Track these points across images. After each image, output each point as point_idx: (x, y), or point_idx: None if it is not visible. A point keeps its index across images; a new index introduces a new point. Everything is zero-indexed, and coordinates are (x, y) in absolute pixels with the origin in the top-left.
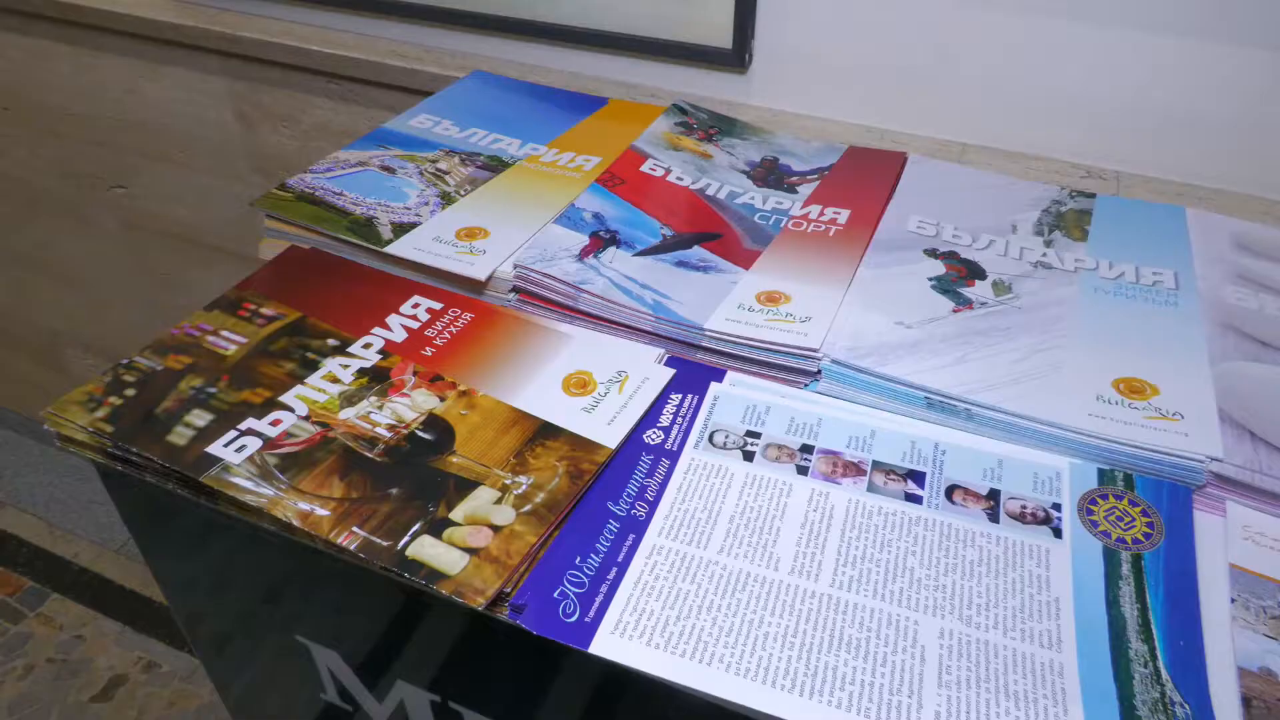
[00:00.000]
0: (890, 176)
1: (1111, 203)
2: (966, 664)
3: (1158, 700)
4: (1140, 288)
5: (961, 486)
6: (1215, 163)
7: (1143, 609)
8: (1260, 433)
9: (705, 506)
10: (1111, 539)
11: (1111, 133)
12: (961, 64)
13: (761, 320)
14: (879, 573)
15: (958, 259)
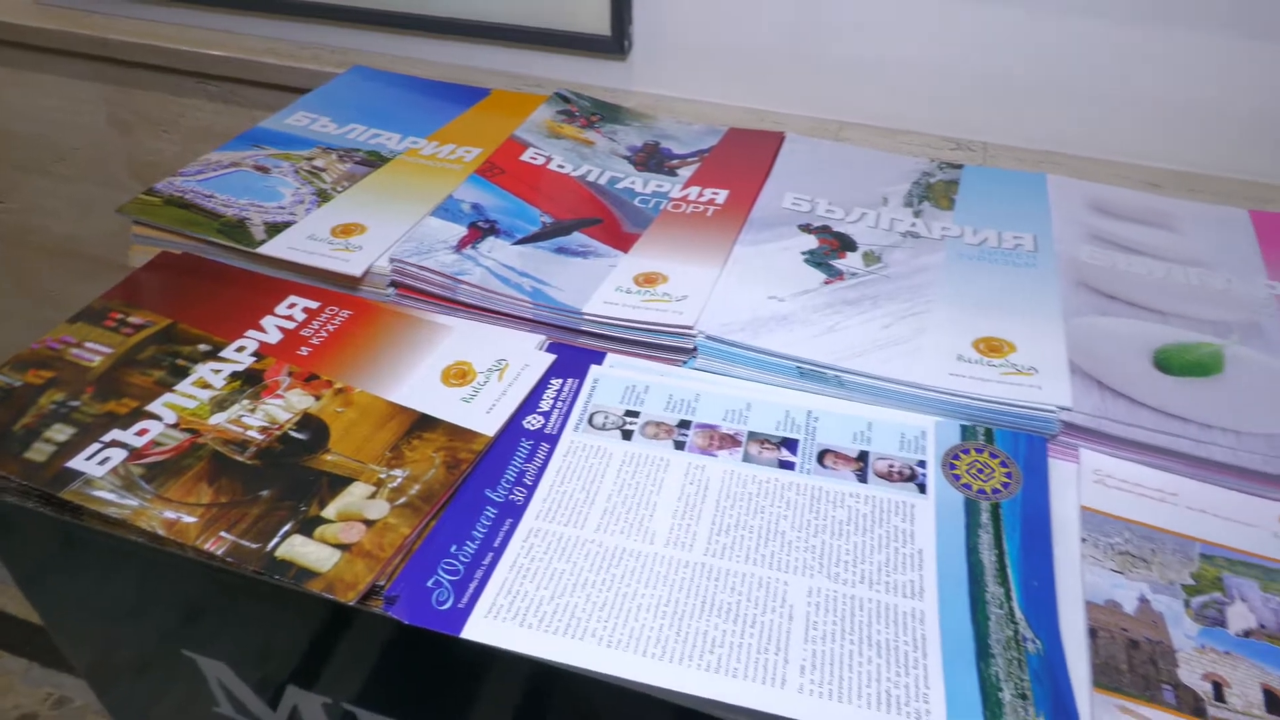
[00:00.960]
0: (768, 156)
1: (977, 172)
2: (832, 619)
3: (1011, 638)
4: (1002, 252)
5: (833, 450)
6: (1075, 130)
7: (1000, 554)
8: (1108, 381)
9: (584, 487)
10: (972, 491)
11: (979, 105)
12: (838, 43)
13: (639, 301)
14: (752, 539)
15: (830, 233)
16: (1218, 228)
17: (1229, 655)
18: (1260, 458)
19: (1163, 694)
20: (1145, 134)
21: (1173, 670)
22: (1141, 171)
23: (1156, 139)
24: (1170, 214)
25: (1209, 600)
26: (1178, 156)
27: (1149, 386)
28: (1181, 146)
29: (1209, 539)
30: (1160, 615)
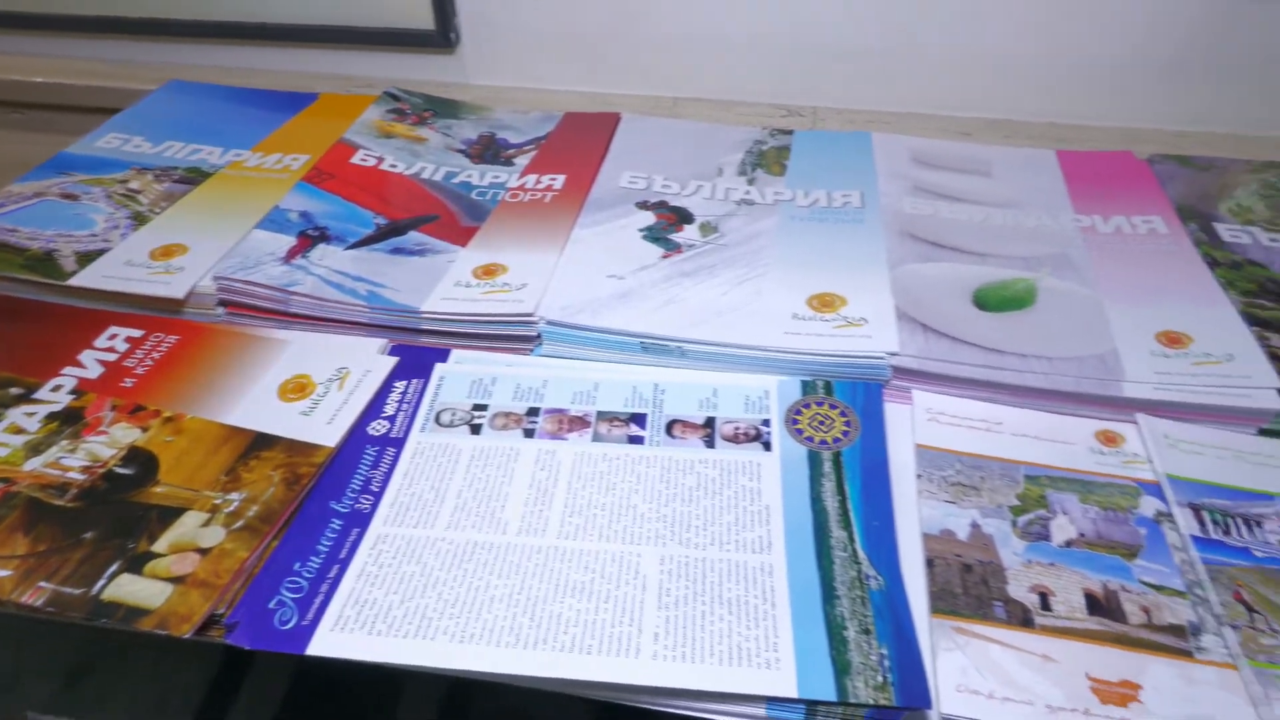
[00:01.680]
0: (604, 137)
1: (808, 136)
2: (685, 583)
3: (855, 578)
4: (832, 210)
5: (680, 420)
6: (897, 89)
7: (842, 500)
8: (932, 324)
9: (433, 487)
10: (815, 443)
11: (807, 72)
12: (667, 20)
13: (479, 294)
14: (604, 516)
15: (667, 207)
16: (1028, 170)
17: (1053, 566)
18: (1071, 379)
19: (994, 610)
20: (959, 87)
21: (1003, 587)
22: (958, 123)
23: (969, 91)
24: (985, 160)
25: (1034, 518)
26: (990, 105)
27: (970, 324)
28: (992, 96)
29: (1032, 461)
30: (990, 537)
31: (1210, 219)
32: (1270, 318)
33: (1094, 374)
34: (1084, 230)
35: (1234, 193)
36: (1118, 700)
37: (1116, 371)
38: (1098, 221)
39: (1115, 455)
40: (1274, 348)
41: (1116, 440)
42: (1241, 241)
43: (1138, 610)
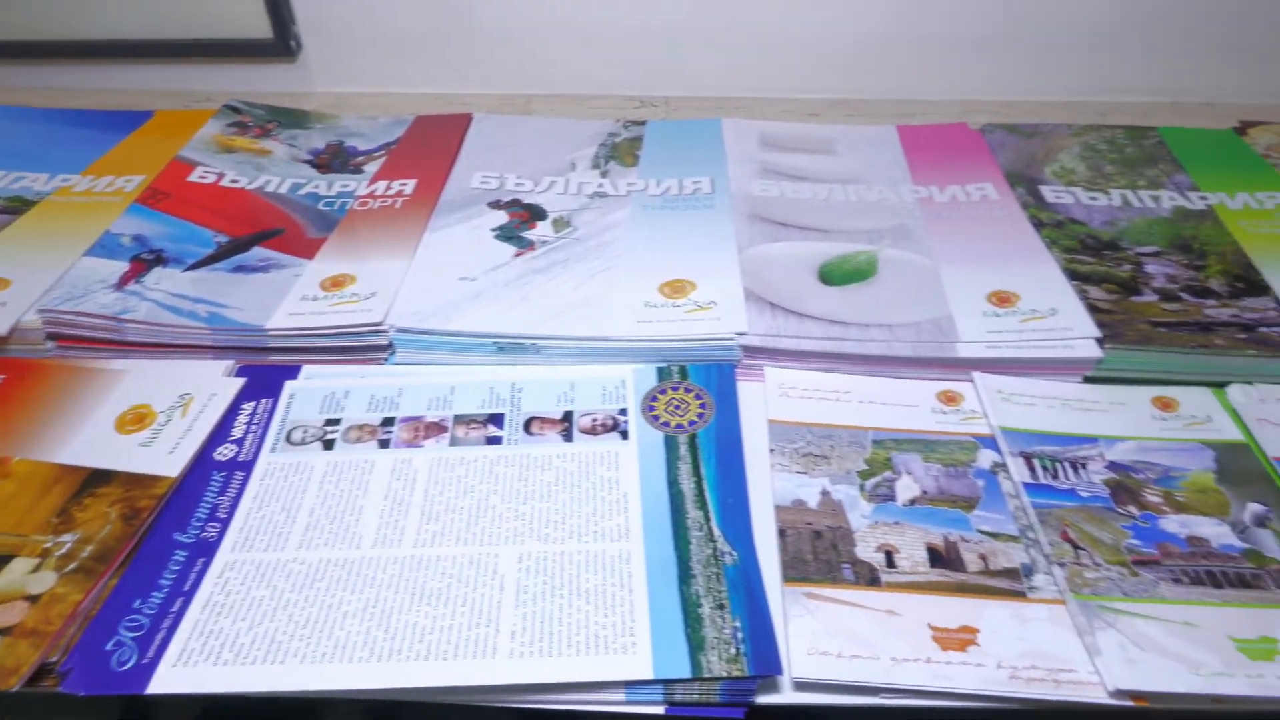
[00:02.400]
0: (455, 139)
1: (660, 126)
2: (543, 579)
3: (710, 555)
4: (683, 198)
5: (538, 417)
6: (749, 74)
7: (698, 481)
8: (778, 301)
9: (284, 508)
10: (671, 427)
11: (659, 62)
12: (517, 18)
13: (326, 307)
14: (462, 520)
15: (520, 205)
16: (871, 146)
17: (898, 525)
18: (910, 345)
19: (843, 573)
20: (808, 69)
21: (851, 550)
22: (807, 104)
23: (817, 73)
24: (830, 139)
25: (880, 480)
26: (837, 86)
27: (815, 299)
28: (839, 77)
29: (879, 425)
30: (840, 503)
31: (1036, 182)
32: (1089, 272)
33: (931, 338)
34: (922, 201)
35: (1058, 156)
36: (957, 645)
37: (951, 334)
38: (934, 191)
39: (955, 413)
40: (1093, 300)
41: (956, 399)
42: (1064, 202)
43: (976, 558)
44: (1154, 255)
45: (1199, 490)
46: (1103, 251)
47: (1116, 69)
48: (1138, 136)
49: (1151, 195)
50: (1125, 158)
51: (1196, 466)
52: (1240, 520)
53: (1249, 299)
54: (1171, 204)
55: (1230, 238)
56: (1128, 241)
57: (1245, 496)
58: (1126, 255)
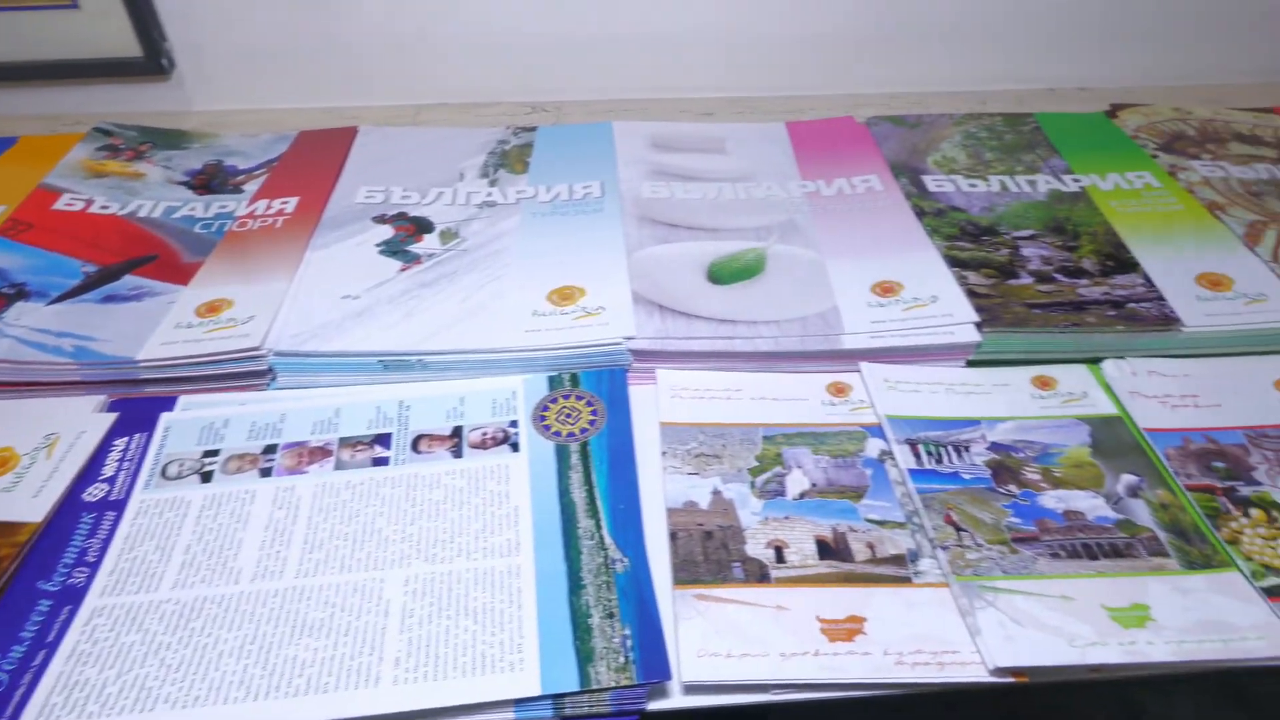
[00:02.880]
0: (340, 154)
1: (551, 131)
2: (429, 601)
3: (601, 564)
4: (573, 203)
5: (427, 434)
6: (641, 76)
7: (590, 489)
8: (667, 303)
9: (158, 547)
10: (562, 436)
11: (550, 67)
12: (401, 27)
13: (201, 334)
14: (347, 546)
15: (406, 218)
16: (760, 143)
17: (787, 519)
18: (797, 339)
19: (733, 571)
20: (700, 69)
21: (741, 548)
22: (700, 103)
23: (710, 72)
24: (721, 138)
25: (771, 476)
26: (729, 85)
27: (704, 299)
28: (731, 75)
29: (770, 421)
30: (731, 502)
31: (919, 172)
32: (968, 258)
33: (817, 331)
34: (809, 195)
35: (940, 146)
36: (845, 636)
37: (837, 326)
38: (821, 186)
39: (844, 404)
40: (972, 285)
41: (845, 390)
42: (945, 190)
43: (864, 547)
44: (1030, 238)
45: (1075, 465)
46: (981, 237)
47: (996, 58)
48: (1016, 123)
49: (1028, 180)
50: (1004, 144)
51: (1073, 442)
52: (1114, 492)
53: (1119, 277)
54: (1047, 188)
55: (1102, 218)
56: (1005, 226)
57: (1119, 468)
58: (1004, 240)
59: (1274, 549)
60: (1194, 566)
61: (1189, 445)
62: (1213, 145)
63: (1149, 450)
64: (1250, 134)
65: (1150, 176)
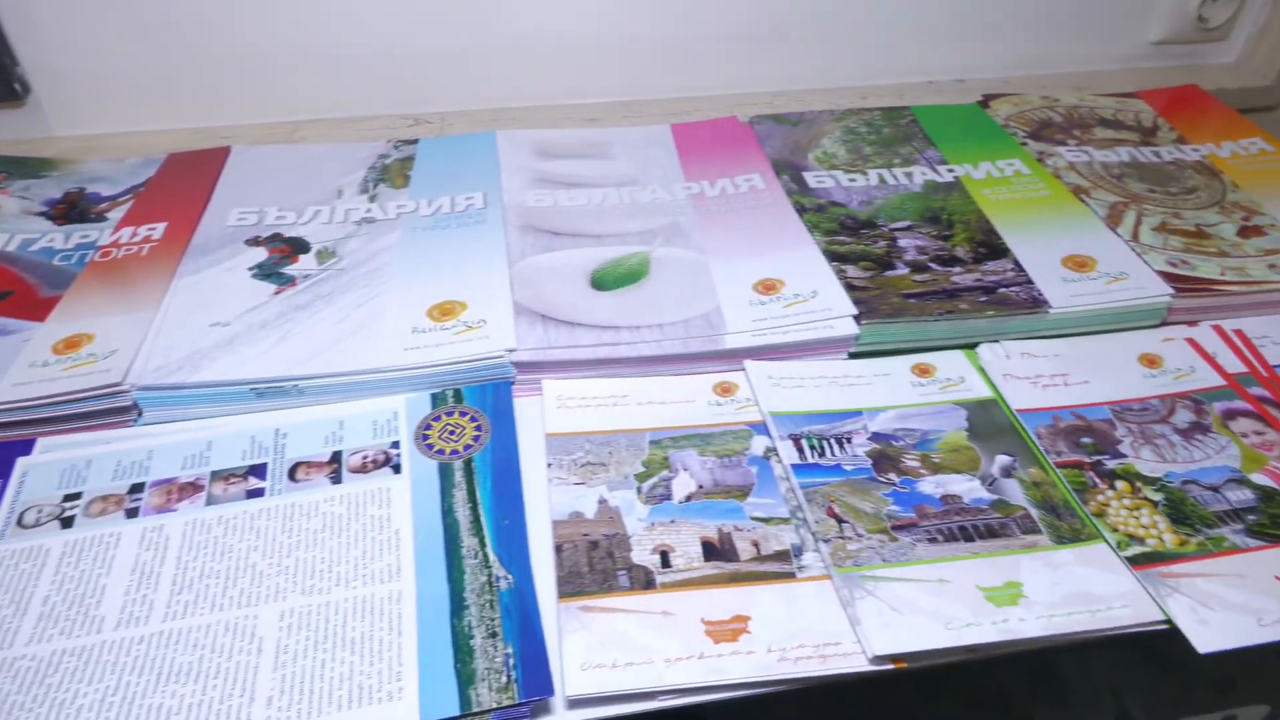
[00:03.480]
0: (211, 175)
1: (433, 143)
2: (305, 634)
3: (485, 582)
4: (455, 216)
5: (304, 462)
6: (523, 84)
7: (474, 507)
8: (549, 313)
9: (12, 601)
10: (446, 454)
11: (433, 78)
12: (274, 42)
13: (58, 372)
14: (218, 584)
15: (281, 239)
16: (645, 146)
17: (674, 523)
18: (680, 342)
19: (618, 580)
20: (582, 74)
21: (627, 555)
22: (585, 109)
23: (595, 76)
24: (606, 143)
25: (657, 480)
26: (615, 89)
27: (587, 307)
28: (617, 79)
29: (657, 425)
30: (617, 510)
31: (800, 169)
32: (848, 251)
33: (701, 332)
34: (694, 197)
35: (821, 142)
36: (730, 636)
37: (719, 326)
38: (705, 187)
39: (731, 403)
40: (850, 279)
41: (731, 389)
42: (826, 186)
43: (749, 545)
44: (906, 229)
45: (952, 449)
46: (860, 230)
47: (876, 53)
48: (894, 117)
49: (905, 172)
50: (882, 138)
51: (951, 427)
52: (989, 473)
53: (990, 263)
54: (923, 179)
55: (975, 206)
56: (883, 219)
57: (994, 450)
58: (882, 232)
59: (1137, 519)
60: (1064, 541)
61: (1059, 423)
62: (1078, 131)
63: (1021, 430)
64: (1114, 119)
65: (1020, 164)
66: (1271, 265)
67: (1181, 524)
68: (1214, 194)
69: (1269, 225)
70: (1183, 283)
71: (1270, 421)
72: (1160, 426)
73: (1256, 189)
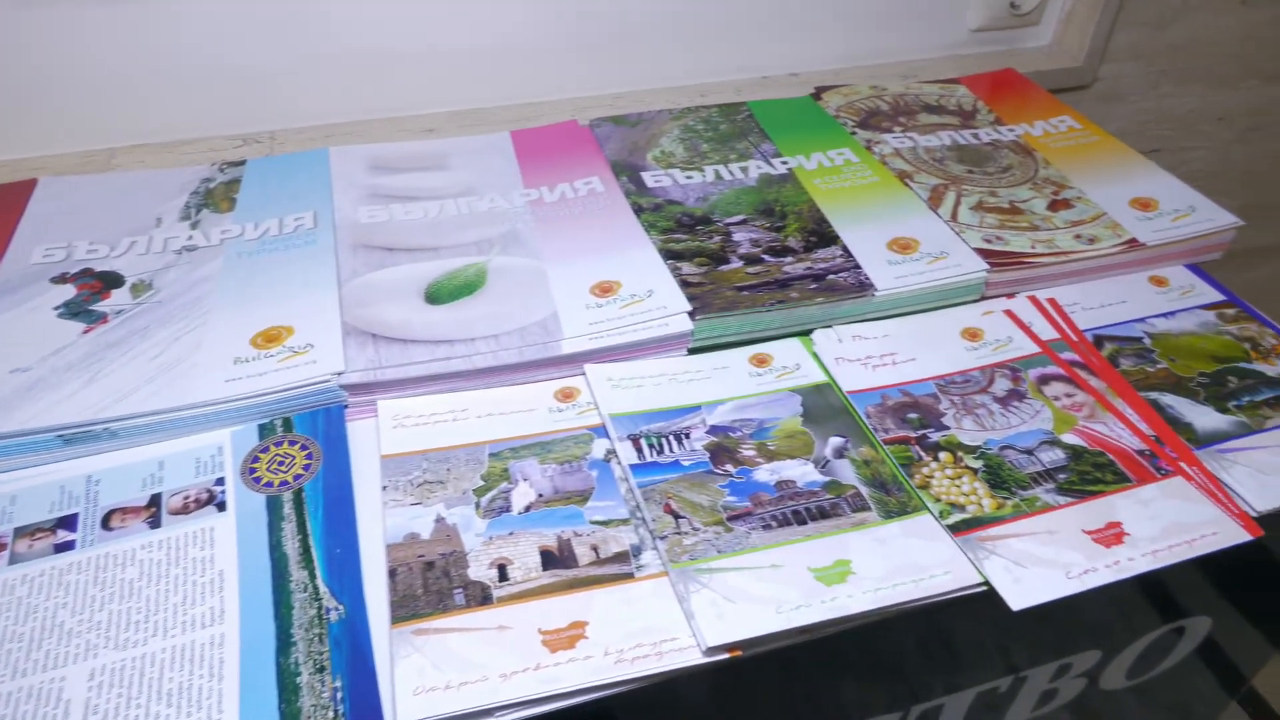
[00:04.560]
0: (14, 211)
1: (262, 163)
2: (117, 692)
3: (315, 616)
4: (283, 238)
5: (119, 508)
6: (357, 97)
7: (304, 538)
8: (380, 331)
9: None
10: (274, 487)
11: (261, 94)
12: (86, 65)
13: None
14: (21, 649)
15: (92, 274)
16: (484, 155)
17: (512, 535)
18: (516, 351)
19: (454, 599)
20: (419, 84)
21: (464, 573)
22: (422, 120)
23: (429, 87)
24: (444, 154)
25: (497, 493)
26: (451, 98)
27: (421, 322)
28: (454, 88)
29: (497, 437)
30: (454, 527)
31: (639, 169)
32: (683, 249)
33: (537, 340)
34: (532, 203)
35: (659, 141)
36: (567, 644)
37: (556, 332)
38: (545, 192)
39: (572, 409)
40: (685, 275)
41: (573, 395)
42: (663, 184)
43: (588, 550)
44: (741, 223)
45: (788, 435)
46: (696, 227)
47: (714, 51)
48: (730, 113)
49: (741, 167)
50: (719, 134)
51: (786, 414)
52: (822, 456)
53: (821, 250)
54: (758, 172)
55: (807, 196)
56: (718, 214)
57: (827, 433)
58: (717, 227)
59: (959, 487)
60: (891, 515)
61: (887, 401)
62: (904, 118)
63: (853, 411)
64: (937, 104)
65: (849, 153)
66: (1078, 236)
67: (999, 488)
68: (1027, 171)
69: (1076, 198)
70: (997, 258)
71: (1079, 383)
72: (981, 396)
73: (1066, 164)
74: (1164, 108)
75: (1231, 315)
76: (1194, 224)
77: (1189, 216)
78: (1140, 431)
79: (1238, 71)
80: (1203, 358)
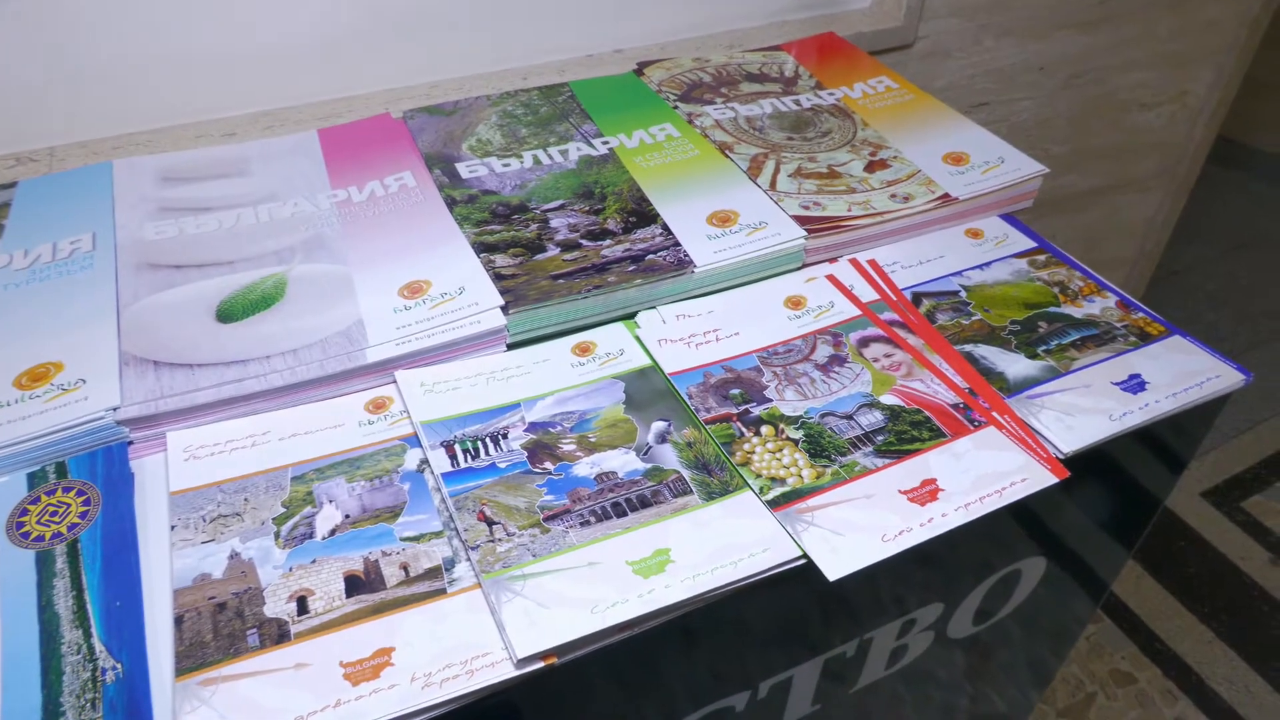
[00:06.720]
0: None
1: (36, 184)
2: None
3: (87, 680)
4: (57, 264)
5: None
6: (147, 105)
7: (79, 594)
8: (163, 358)
9: None
10: (45, 541)
11: (36, 108)
12: None
13: None
14: None
15: None
16: (289, 157)
17: (314, 564)
18: (316, 365)
19: (247, 640)
20: (214, 87)
21: (259, 610)
22: (221, 124)
23: (225, 88)
24: (244, 159)
25: (299, 520)
26: (251, 99)
27: (211, 343)
28: (252, 88)
29: (302, 459)
30: (250, 562)
31: (453, 160)
32: (497, 241)
33: (340, 351)
34: (340, 205)
35: (476, 130)
36: (371, 674)
37: (360, 340)
38: (353, 192)
39: (384, 420)
40: (499, 268)
41: (385, 405)
42: (479, 175)
43: (397, 570)
44: (558, 209)
45: (610, 425)
46: (512, 217)
47: (532, 32)
48: (551, 95)
49: (560, 150)
50: (539, 118)
51: (609, 402)
52: (645, 442)
53: (640, 230)
54: (579, 155)
55: (628, 175)
56: (536, 201)
57: (650, 418)
58: (534, 215)
59: (779, 460)
60: (713, 496)
61: (709, 379)
62: (726, 89)
63: (675, 393)
64: (759, 73)
65: (671, 127)
66: (893, 195)
67: (819, 457)
68: (845, 134)
69: (892, 158)
70: (815, 223)
71: (898, 343)
72: (803, 365)
73: (883, 125)
74: (987, 62)
75: (1042, 261)
76: (1003, 174)
77: (998, 168)
78: (955, 385)
79: (1052, 23)
80: (1015, 305)
